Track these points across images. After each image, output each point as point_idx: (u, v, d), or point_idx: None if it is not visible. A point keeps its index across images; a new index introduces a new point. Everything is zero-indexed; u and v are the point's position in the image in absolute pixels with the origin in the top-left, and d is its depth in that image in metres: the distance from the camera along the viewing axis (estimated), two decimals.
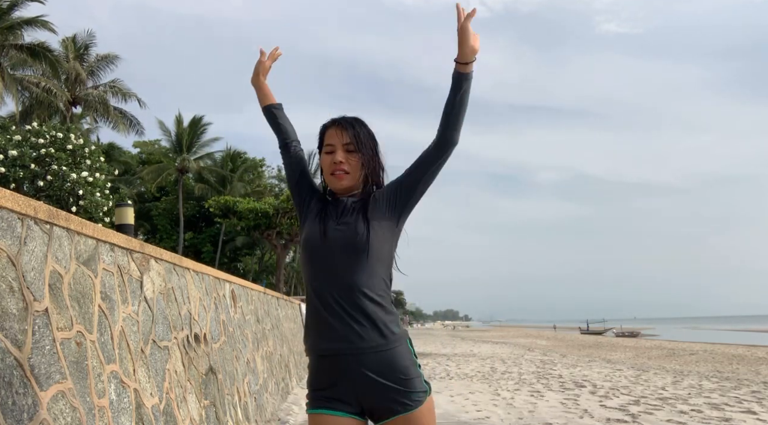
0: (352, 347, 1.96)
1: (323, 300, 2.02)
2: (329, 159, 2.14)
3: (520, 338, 48.61)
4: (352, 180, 2.14)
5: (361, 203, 2.14)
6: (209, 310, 5.30)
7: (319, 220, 2.12)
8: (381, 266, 2.06)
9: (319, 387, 2.04)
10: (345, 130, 2.14)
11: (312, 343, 2.06)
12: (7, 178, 12.76)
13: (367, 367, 1.96)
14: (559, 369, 15.74)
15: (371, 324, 1.97)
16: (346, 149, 2.12)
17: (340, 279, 2.01)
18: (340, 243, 2.03)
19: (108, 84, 30.61)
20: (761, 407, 8.39)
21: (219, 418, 4.72)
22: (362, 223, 2.06)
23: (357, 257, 2.01)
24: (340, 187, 2.14)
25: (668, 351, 28.21)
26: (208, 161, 42.38)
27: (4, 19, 24.66)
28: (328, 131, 2.18)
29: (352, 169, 2.13)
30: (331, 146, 2.14)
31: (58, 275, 2.61)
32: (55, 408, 2.32)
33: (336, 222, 2.09)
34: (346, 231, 2.05)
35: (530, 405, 8.64)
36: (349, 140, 2.12)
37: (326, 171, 2.15)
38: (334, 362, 2.00)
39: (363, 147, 2.14)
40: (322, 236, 2.07)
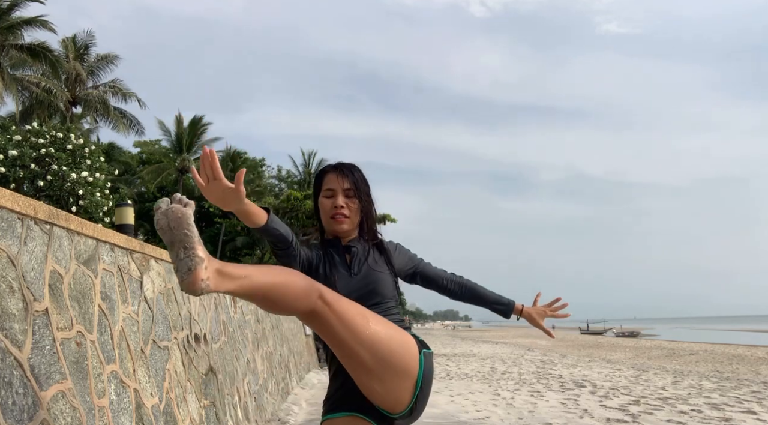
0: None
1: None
2: (329, 203, 2.23)
3: (520, 338, 48.61)
4: (351, 224, 2.25)
5: (377, 249, 2.29)
6: (209, 310, 5.30)
7: (326, 271, 2.17)
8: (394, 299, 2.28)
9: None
10: (345, 176, 2.23)
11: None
12: (7, 178, 12.75)
13: None
14: (559, 369, 15.74)
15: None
16: (346, 195, 2.22)
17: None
18: (362, 294, 2.13)
19: (108, 84, 30.59)
20: (761, 407, 8.38)
21: (219, 418, 4.72)
22: (385, 267, 2.24)
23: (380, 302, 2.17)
24: (340, 230, 2.23)
25: (668, 351, 28.21)
26: None
27: (4, 19, 24.66)
28: (327, 176, 2.26)
29: (352, 213, 2.23)
30: (331, 191, 2.23)
31: (58, 275, 2.61)
32: (55, 408, 2.32)
33: (348, 272, 2.19)
34: (366, 279, 2.17)
35: (530, 405, 8.63)
36: (349, 186, 2.22)
37: (326, 214, 2.24)
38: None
39: (361, 194, 2.25)
40: (337, 287, 2.10)
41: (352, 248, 2.25)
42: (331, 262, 2.21)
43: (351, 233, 2.29)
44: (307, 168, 46.64)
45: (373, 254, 2.27)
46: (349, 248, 2.26)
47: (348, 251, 2.25)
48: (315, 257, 2.22)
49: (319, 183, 2.30)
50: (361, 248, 2.27)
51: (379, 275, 2.20)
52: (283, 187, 48.10)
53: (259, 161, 47.16)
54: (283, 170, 50.10)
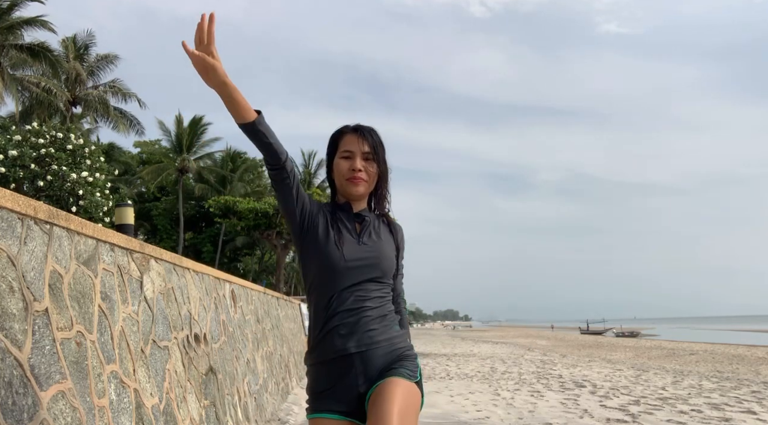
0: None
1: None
2: (347, 165, 2.12)
3: (520, 338, 48.62)
4: (367, 189, 2.16)
5: (386, 225, 2.23)
6: (209, 310, 5.30)
7: (333, 235, 2.09)
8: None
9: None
10: (365, 139, 2.14)
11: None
12: (7, 178, 12.76)
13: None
14: (559, 369, 15.74)
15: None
16: (365, 158, 2.13)
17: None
18: (366, 264, 2.07)
19: (108, 84, 30.62)
20: (761, 407, 8.38)
21: (219, 418, 4.72)
22: (392, 244, 2.18)
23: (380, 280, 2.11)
24: (355, 193, 2.13)
25: (668, 351, 28.21)
26: (208, 161, 42.39)
27: (4, 19, 24.67)
28: (345, 136, 2.16)
29: (369, 178, 2.14)
30: (349, 152, 2.13)
31: (58, 275, 2.61)
32: (55, 408, 2.32)
33: (357, 239, 2.11)
34: (372, 252, 2.10)
35: (530, 405, 8.63)
36: (368, 150, 2.13)
37: (342, 176, 2.13)
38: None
39: (380, 159, 2.16)
40: (341, 257, 2.05)
41: (365, 218, 2.18)
42: (340, 225, 2.12)
43: (363, 200, 2.21)
44: (307, 168, 46.66)
45: (384, 230, 2.21)
46: (361, 217, 2.18)
47: (359, 219, 2.18)
48: (320, 215, 2.14)
49: (335, 143, 2.19)
50: (372, 221, 2.20)
51: (385, 249, 2.14)
52: None
53: (259, 161, 47.13)
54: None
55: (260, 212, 32.12)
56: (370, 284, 2.05)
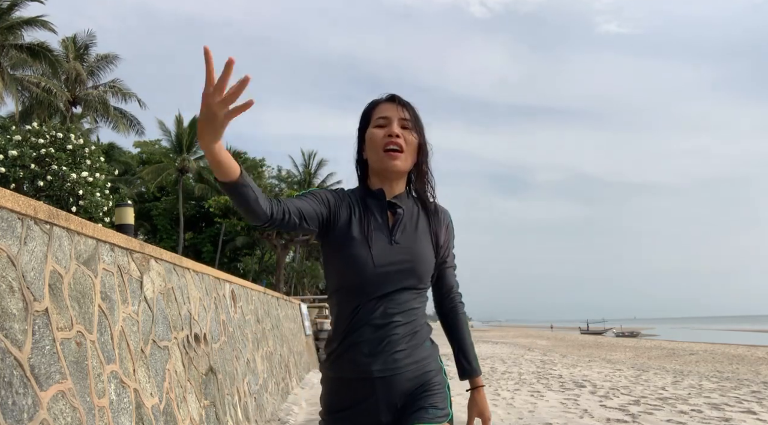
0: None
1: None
2: (381, 133, 1.79)
3: (520, 338, 48.62)
4: (406, 163, 1.80)
5: (427, 215, 1.87)
6: (209, 310, 5.30)
7: (361, 232, 1.76)
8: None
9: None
10: (403, 106, 1.82)
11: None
12: (7, 178, 12.76)
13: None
14: (559, 369, 15.74)
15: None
16: (403, 125, 1.80)
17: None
18: (399, 269, 1.75)
19: (108, 84, 30.61)
20: (761, 407, 8.38)
21: (219, 418, 4.72)
22: (430, 242, 1.84)
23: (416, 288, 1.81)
24: (392, 167, 1.77)
25: (668, 351, 28.21)
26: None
27: (4, 19, 24.66)
28: (379, 105, 1.85)
29: (408, 148, 1.79)
30: (385, 119, 1.80)
31: (58, 275, 2.61)
32: (55, 408, 2.32)
33: (389, 238, 1.77)
34: (406, 254, 1.77)
35: (530, 405, 8.63)
36: (408, 117, 1.81)
37: (376, 147, 1.78)
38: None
39: (421, 130, 1.84)
40: (370, 261, 1.72)
41: (398, 209, 1.81)
42: (370, 218, 1.78)
43: (400, 183, 1.85)
44: (307, 168, 46.67)
45: (422, 221, 1.85)
46: (394, 207, 1.81)
47: (393, 210, 1.81)
48: (344, 205, 1.79)
49: (368, 115, 1.86)
50: (408, 211, 1.84)
51: (422, 249, 1.80)
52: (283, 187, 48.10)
53: (259, 161, 47.18)
54: (283, 170, 50.15)
55: None
56: (403, 293, 1.74)
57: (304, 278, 39.88)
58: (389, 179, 1.82)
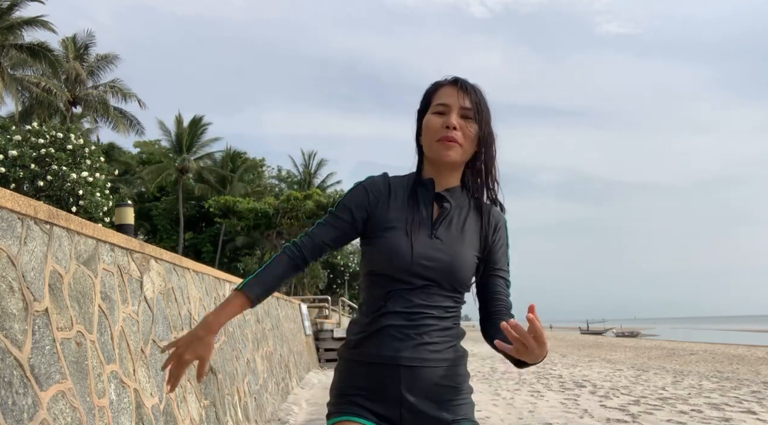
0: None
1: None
2: (439, 121, 1.66)
3: None
4: (461, 156, 1.67)
5: (479, 215, 1.73)
6: (209, 310, 5.30)
7: (404, 221, 1.65)
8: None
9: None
10: (466, 93, 1.68)
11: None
12: (7, 178, 12.76)
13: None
14: (559, 369, 15.75)
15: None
16: (463, 115, 1.67)
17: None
18: (434, 267, 1.62)
19: (108, 84, 30.62)
20: (761, 407, 8.38)
21: (219, 418, 4.72)
22: (476, 245, 1.70)
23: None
24: (446, 158, 1.65)
25: (668, 351, 28.21)
26: (208, 161, 42.39)
27: (4, 19, 24.67)
28: (441, 89, 1.71)
29: (466, 141, 1.66)
30: (445, 106, 1.67)
31: (58, 275, 2.61)
32: (55, 408, 2.32)
33: (430, 231, 1.65)
34: (444, 254, 1.64)
35: (530, 405, 8.64)
36: (469, 105, 1.67)
37: (431, 135, 1.66)
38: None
39: (483, 121, 1.68)
40: (409, 252, 1.61)
41: (444, 202, 1.69)
42: (411, 208, 1.67)
43: (454, 175, 1.72)
44: (307, 168, 46.70)
45: (471, 221, 1.71)
46: (442, 199, 1.69)
47: (439, 202, 1.69)
48: (382, 200, 1.69)
49: (428, 98, 1.73)
50: (458, 206, 1.71)
51: (463, 252, 1.65)
52: (283, 187, 48.14)
53: (259, 161, 47.20)
54: (283, 170, 50.18)
55: (260, 212, 32.16)
56: (437, 290, 1.62)
57: (304, 279, 39.89)
58: (441, 169, 1.70)
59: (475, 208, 1.73)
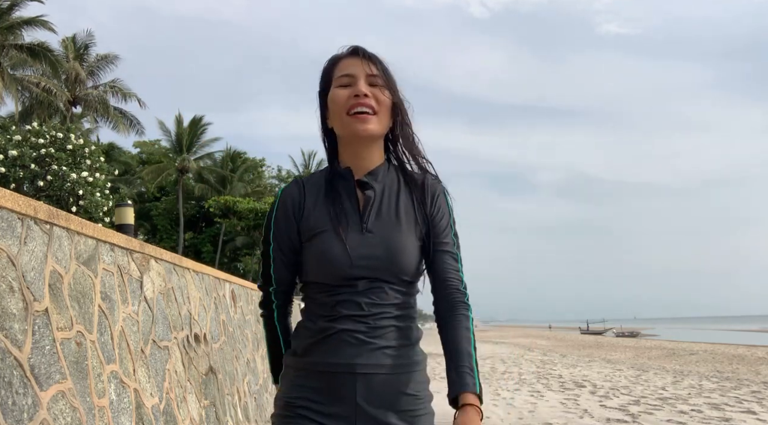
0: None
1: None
2: (345, 94, 1.48)
3: (520, 338, 48.62)
4: (379, 126, 1.49)
5: (410, 188, 1.54)
6: (209, 310, 5.30)
7: (327, 220, 1.49)
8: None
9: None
10: (370, 61, 1.51)
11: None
12: (7, 178, 12.76)
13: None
14: (559, 369, 15.75)
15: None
16: (371, 83, 1.49)
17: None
18: (373, 265, 1.46)
19: (108, 84, 30.62)
20: (761, 407, 8.38)
21: (219, 418, 4.72)
22: (413, 225, 1.52)
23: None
24: (363, 133, 1.47)
25: (668, 351, 28.21)
26: (208, 161, 42.42)
27: (4, 19, 24.67)
28: (341, 62, 1.54)
29: (381, 109, 1.48)
30: (349, 77, 1.49)
31: (58, 275, 2.61)
32: (55, 408, 2.32)
33: (359, 225, 1.48)
34: (379, 248, 1.47)
35: (530, 405, 8.63)
36: (376, 72, 1.50)
37: (340, 110, 1.48)
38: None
39: (393, 87, 1.52)
40: (343, 253, 1.45)
41: (367, 189, 1.51)
42: (332, 207, 1.49)
43: (375, 151, 1.53)
44: (307, 168, 46.67)
45: (404, 198, 1.53)
46: (364, 186, 1.51)
47: (362, 189, 1.51)
48: (303, 205, 1.53)
49: (328, 74, 1.55)
50: (387, 188, 1.53)
51: (402, 238, 1.48)
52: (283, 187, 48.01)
53: (259, 161, 47.20)
54: (283, 170, 50.16)
55: (260, 212, 32.14)
56: (384, 286, 1.47)
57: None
58: (360, 149, 1.51)
59: (407, 182, 1.55)
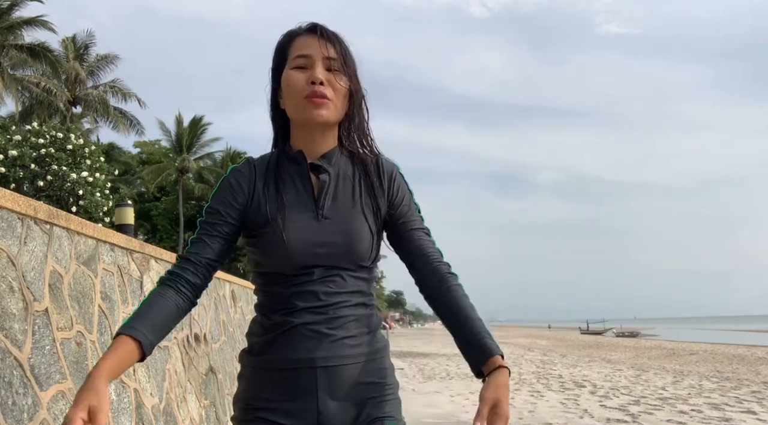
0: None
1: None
2: (302, 77, 1.41)
3: (520, 338, 48.63)
4: (334, 113, 1.44)
5: (365, 172, 1.49)
6: (209, 310, 5.30)
7: (276, 209, 1.42)
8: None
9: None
10: (329, 41, 1.44)
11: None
12: (7, 178, 12.76)
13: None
14: (559, 369, 15.75)
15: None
16: (328, 67, 1.43)
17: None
18: (330, 252, 1.41)
19: (108, 84, 30.63)
20: (761, 407, 8.39)
21: (219, 418, 4.72)
22: (366, 212, 1.46)
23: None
24: (318, 119, 1.41)
25: (668, 351, 28.21)
26: (208, 161, 42.43)
27: (4, 19, 24.67)
28: (298, 39, 1.46)
29: (336, 96, 1.43)
30: (305, 58, 1.42)
31: (58, 275, 2.61)
32: (55, 408, 2.32)
33: (315, 211, 1.42)
34: (337, 234, 1.42)
35: (530, 405, 8.64)
36: (335, 55, 1.43)
37: (296, 94, 1.41)
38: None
39: (352, 73, 1.46)
40: (299, 242, 1.39)
41: (321, 173, 1.45)
42: (289, 190, 1.44)
43: (328, 139, 1.48)
44: None
45: (360, 183, 1.49)
46: (317, 169, 1.46)
47: (316, 173, 1.46)
48: (252, 189, 1.46)
49: (283, 51, 1.47)
50: (341, 172, 1.48)
51: (359, 223, 1.43)
52: None
53: None
54: None
55: None
56: (342, 273, 1.41)
57: None
58: (314, 133, 1.46)
59: (361, 165, 1.50)
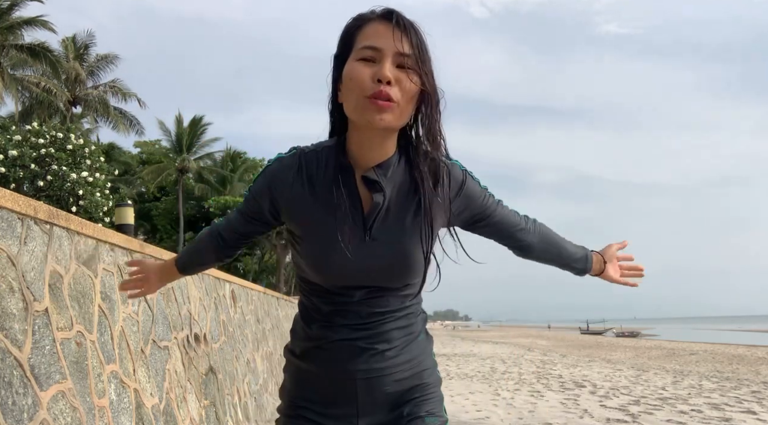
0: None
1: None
2: (368, 72, 1.21)
3: (520, 338, 48.63)
4: (398, 118, 1.24)
5: (423, 195, 1.32)
6: (209, 310, 5.30)
7: (324, 221, 1.31)
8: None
9: None
10: (405, 33, 1.23)
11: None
12: (7, 178, 12.76)
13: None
14: (559, 369, 15.75)
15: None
16: (400, 64, 1.22)
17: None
18: (377, 275, 1.35)
19: (108, 84, 30.62)
20: (761, 407, 8.39)
21: (219, 418, 4.72)
22: (415, 233, 1.34)
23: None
24: (378, 124, 1.22)
25: (668, 351, 28.21)
26: (208, 161, 42.45)
27: (4, 19, 24.67)
28: (369, 25, 1.26)
29: (403, 99, 1.23)
30: (375, 51, 1.22)
31: (58, 275, 2.61)
32: (55, 408, 2.32)
33: (363, 233, 1.32)
34: (385, 257, 1.33)
35: (530, 405, 8.64)
36: (408, 51, 1.22)
37: (357, 91, 1.22)
38: None
39: (427, 71, 1.25)
40: (343, 263, 1.32)
41: (375, 189, 1.30)
42: (330, 203, 1.30)
43: (387, 144, 1.30)
44: None
45: (418, 200, 1.32)
46: (372, 183, 1.30)
47: (369, 188, 1.30)
48: (296, 191, 1.32)
49: (350, 37, 1.28)
50: (396, 185, 1.32)
51: (411, 246, 1.32)
52: None
53: (259, 161, 47.21)
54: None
55: None
56: (386, 293, 1.37)
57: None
58: (371, 138, 1.28)
59: (422, 178, 1.32)
